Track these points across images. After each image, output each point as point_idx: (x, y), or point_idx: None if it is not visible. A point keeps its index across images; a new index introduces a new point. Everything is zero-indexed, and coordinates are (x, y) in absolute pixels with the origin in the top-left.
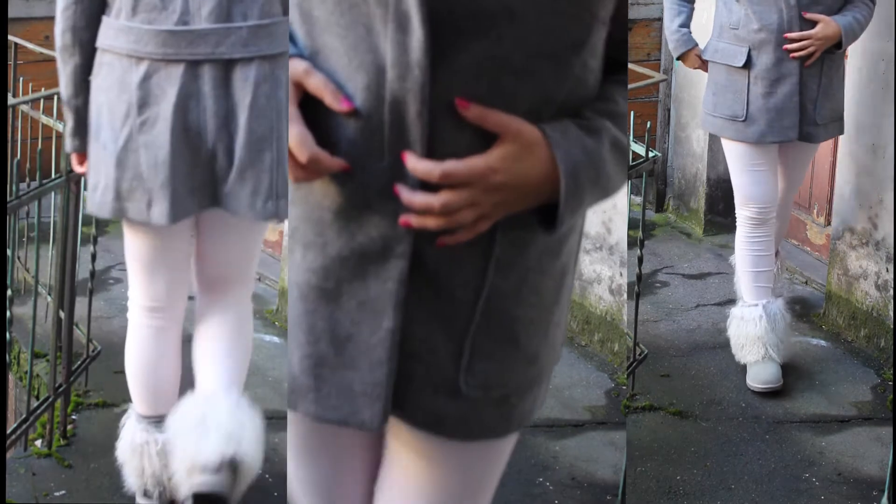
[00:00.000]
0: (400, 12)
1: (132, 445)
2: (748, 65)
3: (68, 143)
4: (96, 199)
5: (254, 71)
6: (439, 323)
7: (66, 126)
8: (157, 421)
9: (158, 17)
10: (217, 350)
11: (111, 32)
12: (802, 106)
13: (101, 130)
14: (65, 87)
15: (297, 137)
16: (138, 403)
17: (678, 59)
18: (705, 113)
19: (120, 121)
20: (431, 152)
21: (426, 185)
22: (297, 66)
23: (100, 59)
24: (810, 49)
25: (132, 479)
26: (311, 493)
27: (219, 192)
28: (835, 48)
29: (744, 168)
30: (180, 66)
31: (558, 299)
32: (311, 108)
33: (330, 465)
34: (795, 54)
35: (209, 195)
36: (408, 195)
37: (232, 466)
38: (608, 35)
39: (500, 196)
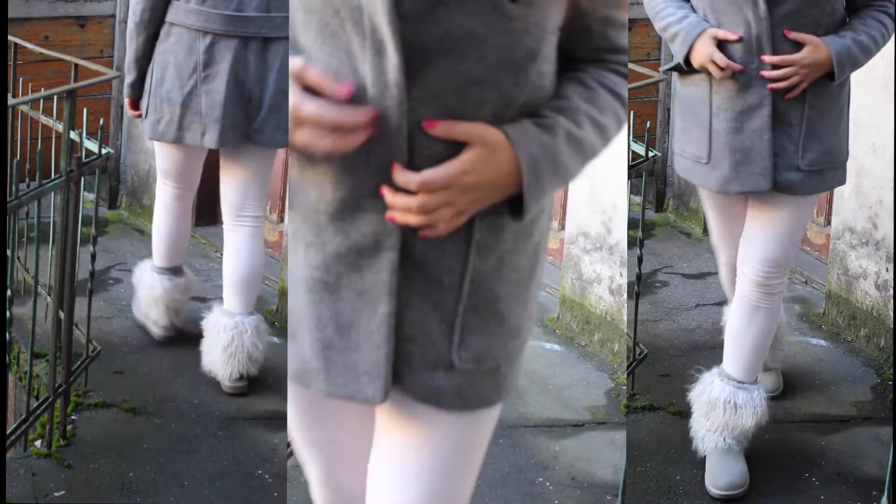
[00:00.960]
0: (376, 40)
1: (162, 290)
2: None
3: (127, 91)
4: (159, 129)
5: (283, 47)
6: (431, 306)
7: (128, 79)
8: (175, 270)
9: (221, 5)
10: (241, 275)
11: (182, 13)
12: (779, 146)
13: (165, 82)
14: (135, 51)
15: (719, 57)
16: (162, 259)
17: (686, 58)
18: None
19: (187, 74)
20: (412, 156)
21: (775, 70)
22: (295, 62)
23: (168, 31)
24: (794, 79)
25: (158, 318)
26: (315, 456)
27: (249, 128)
28: (827, 79)
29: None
30: (235, 40)
31: (533, 275)
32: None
33: (332, 432)
34: (774, 85)
35: (243, 131)
36: (390, 197)
37: (248, 378)
38: (561, 37)
39: (473, 195)
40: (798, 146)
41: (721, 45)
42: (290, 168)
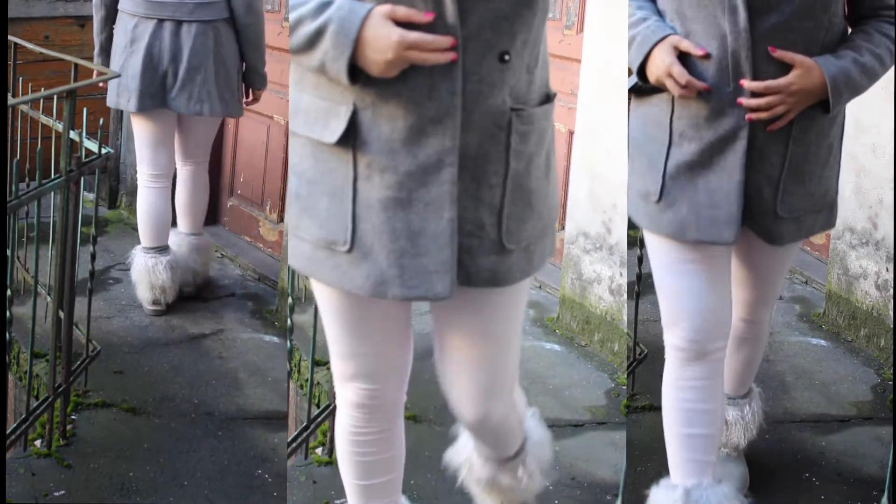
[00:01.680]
0: (731, 4)
1: (145, 269)
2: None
3: (96, 61)
4: (109, 96)
5: (194, 29)
6: (484, 205)
7: (95, 51)
8: (159, 249)
9: None
10: (191, 202)
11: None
12: (754, 187)
13: (114, 56)
14: (95, 28)
15: (678, 70)
16: (146, 240)
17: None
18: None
19: (121, 50)
20: (755, 78)
21: (755, 98)
22: (383, 8)
23: (119, 16)
24: (778, 109)
25: (145, 294)
26: (360, 364)
27: (167, 98)
28: (819, 109)
29: (668, 269)
30: (153, 21)
31: (548, 173)
32: (686, 61)
33: (381, 338)
34: (754, 115)
35: (160, 99)
36: (747, 101)
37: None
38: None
39: (796, 98)
40: (777, 189)
41: (688, 59)
42: (363, 110)
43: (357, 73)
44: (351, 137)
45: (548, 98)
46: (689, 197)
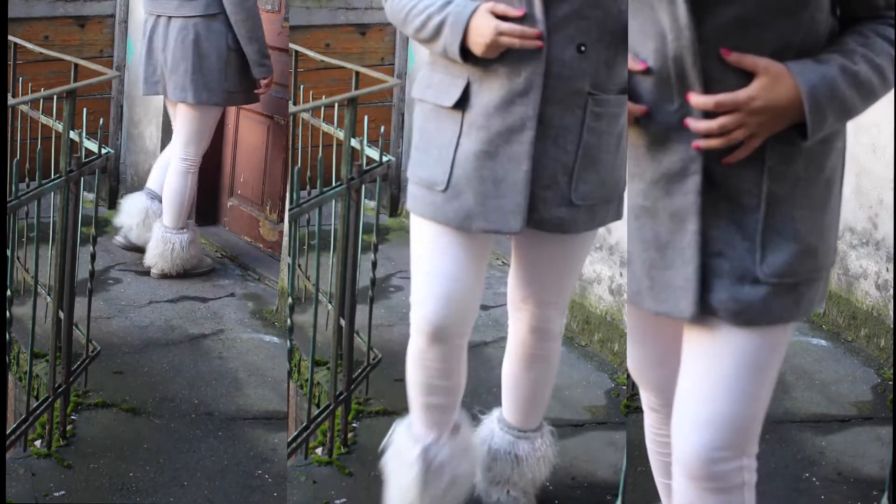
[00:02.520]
0: None
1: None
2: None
3: None
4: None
5: (179, 24)
6: (734, 225)
7: None
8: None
9: None
10: (170, 197)
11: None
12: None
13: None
14: None
15: (507, 26)
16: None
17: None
18: None
19: (139, 42)
20: (707, 91)
21: (707, 118)
22: (486, 3)
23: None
24: (736, 134)
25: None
26: (436, 283)
27: (160, 85)
28: (797, 135)
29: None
30: (153, 17)
31: (827, 204)
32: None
33: (662, 348)
34: (702, 143)
35: (160, 86)
36: (694, 124)
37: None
38: None
39: (761, 118)
40: (756, 246)
41: (631, 77)
42: (473, 82)
43: (468, 55)
44: (462, 102)
45: (624, 91)
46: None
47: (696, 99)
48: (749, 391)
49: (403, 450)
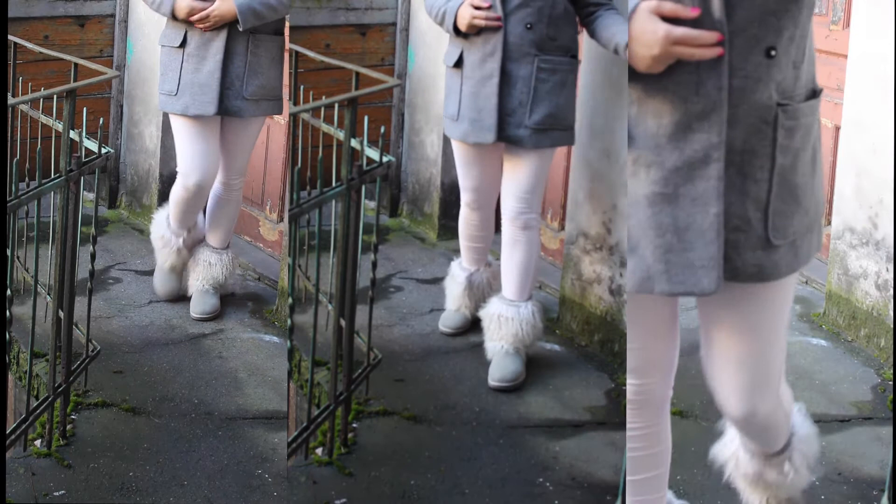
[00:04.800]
0: None
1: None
2: None
3: None
4: None
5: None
6: (750, 200)
7: None
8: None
9: None
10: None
11: None
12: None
13: None
14: None
15: (703, 32)
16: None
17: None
18: None
19: None
20: (731, 79)
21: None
22: (650, 3)
23: None
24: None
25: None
26: (629, 359)
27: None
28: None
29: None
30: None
31: (815, 168)
32: None
33: (648, 333)
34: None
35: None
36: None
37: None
38: None
39: None
40: (769, 215)
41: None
42: (630, 105)
43: (458, 32)
44: (459, 63)
45: (814, 93)
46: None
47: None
48: (778, 331)
49: (456, 274)
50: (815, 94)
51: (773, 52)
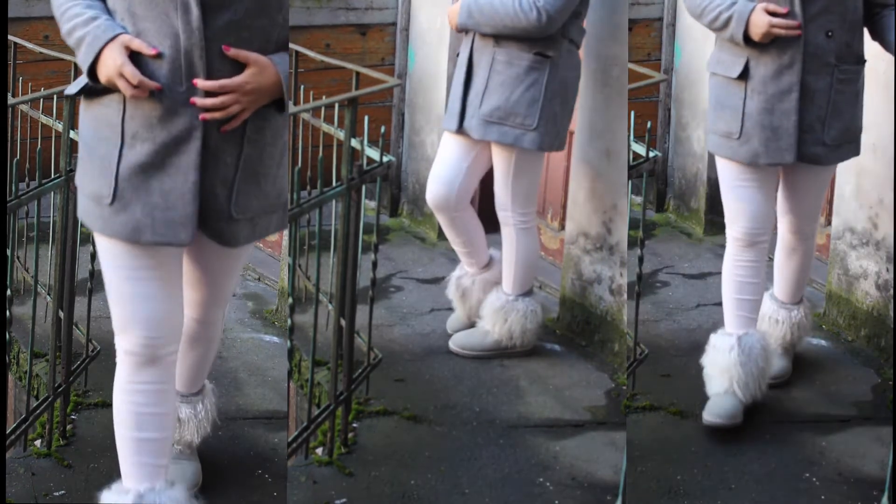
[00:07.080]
0: (184, 2)
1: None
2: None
3: None
4: None
5: None
6: (219, 179)
7: None
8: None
9: None
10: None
11: None
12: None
13: None
14: None
15: (130, 70)
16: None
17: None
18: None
19: None
20: (209, 77)
21: (210, 97)
22: (123, 37)
23: None
24: (232, 108)
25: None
26: (135, 310)
27: None
28: (275, 109)
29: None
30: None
31: (281, 163)
32: (137, 60)
33: (158, 282)
34: (208, 115)
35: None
36: (201, 101)
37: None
38: None
39: (252, 97)
40: (231, 190)
41: (140, 59)
42: (751, 59)
43: (748, 40)
44: (744, 74)
45: (860, 61)
46: (143, 199)
47: (203, 83)
48: (225, 283)
49: None
50: (859, 61)
51: (830, 34)
